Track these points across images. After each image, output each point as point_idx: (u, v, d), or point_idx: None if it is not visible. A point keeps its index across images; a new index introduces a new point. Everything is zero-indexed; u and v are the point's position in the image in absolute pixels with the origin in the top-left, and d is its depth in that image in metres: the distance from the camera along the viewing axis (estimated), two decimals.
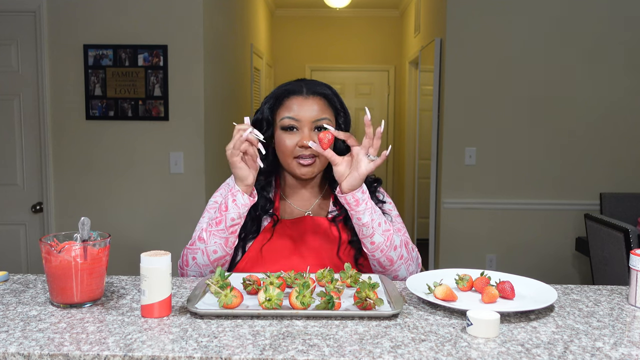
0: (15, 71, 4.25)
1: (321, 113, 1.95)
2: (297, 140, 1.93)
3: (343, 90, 9.13)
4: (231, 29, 5.49)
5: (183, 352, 1.23)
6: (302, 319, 1.44)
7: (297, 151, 1.93)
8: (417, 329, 1.38)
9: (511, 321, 1.45)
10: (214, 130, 4.64)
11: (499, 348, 1.27)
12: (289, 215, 2.06)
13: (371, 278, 1.61)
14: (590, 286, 1.80)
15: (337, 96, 2.03)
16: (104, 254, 1.56)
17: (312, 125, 1.93)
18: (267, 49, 8.35)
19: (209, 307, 1.49)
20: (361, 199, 1.80)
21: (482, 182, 5.29)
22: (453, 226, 5.36)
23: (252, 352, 1.23)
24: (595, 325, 1.45)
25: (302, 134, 1.93)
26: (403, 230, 2.10)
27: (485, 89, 5.22)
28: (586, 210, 4.92)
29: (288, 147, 1.94)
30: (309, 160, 1.94)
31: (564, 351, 1.27)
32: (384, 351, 1.25)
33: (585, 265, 5.21)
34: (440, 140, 5.36)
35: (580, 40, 5.15)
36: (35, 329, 1.37)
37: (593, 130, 5.21)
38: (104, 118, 4.26)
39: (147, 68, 4.22)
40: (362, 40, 9.22)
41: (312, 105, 1.94)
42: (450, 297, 1.56)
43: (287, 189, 2.10)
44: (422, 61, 6.48)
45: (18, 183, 4.33)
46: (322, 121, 1.94)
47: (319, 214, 2.07)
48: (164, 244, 4.16)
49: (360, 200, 1.80)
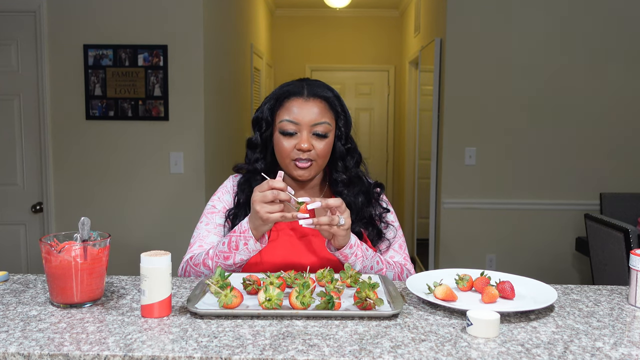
0: (15, 71, 4.25)
1: (321, 116, 1.94)
2: (295, 143, 1.93)
3: (343, 90, 9.13)
4: (231, 29, 5.49)
5: (183, 352, 1.23)
6: (302, 319, 1.44)
7: (294, 154, 1.93)
8: (417, 329, 1.38)
9: (511, 321, 1.45)
10: (214, 130, 4.64)
11: (499, 348, 1.27)
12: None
13: (371, 278, 1.61)
14: (590, 286, 1.80)
15: (338, 99, 2.02)
16: (104, 254, 1.56)
17: (311, 129, 1.93)
18: (267, 49, 8.35)
19: (209, 307, 1.49)
20: (350, 253, 1.84)
21: (482, 182, 5.29)
22: (453, 226, 5.36)
23: (252, 352, 1.23)
24: (595, 325, 1.45)
25: (300, 138, 1.93)
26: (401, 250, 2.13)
27: (485, 89, 5.22)
28: (586, 210, 4.92)
29: (286, 150, 1.94)
30: (306, 163, 1.94)
31: (564, 351, 1.27)
32: (384, 351, 1.25)
33: (585, 265, 5.21)
34: (440, 141, 5.35)
35: (580, 40, 5.15)
36: (35, 329, 1.37)
37: (593, 130, 5.21)
38: (104, 118, 4.26)
39: (147, 68, 4.22)
40: (362, 40, 9.22)
41: (312, 108, 1.94)
42: (450, 297, 1.56)
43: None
44: (422, 61, 6.48)
45: (18, 183, 4.33)
46: (321, 125, 1.93)
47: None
48: (164, 244, 4.16)
49: (349, 255, 1.84)
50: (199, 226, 2.07)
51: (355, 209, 2.03)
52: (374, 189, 2.12)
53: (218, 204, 2.09)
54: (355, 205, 2.03)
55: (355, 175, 2.06)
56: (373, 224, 2.06)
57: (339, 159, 2.04)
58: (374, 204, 2.10)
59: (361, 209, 2.04)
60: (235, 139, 5.59)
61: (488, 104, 5.23)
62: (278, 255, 1.92)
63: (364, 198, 2.06)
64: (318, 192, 2.11)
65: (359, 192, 2.06)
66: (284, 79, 2.36)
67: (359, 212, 2.04)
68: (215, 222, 2.06)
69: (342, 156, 2.04)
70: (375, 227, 2.07)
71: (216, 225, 2.05)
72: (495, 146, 5.26)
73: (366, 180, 2.11)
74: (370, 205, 2.08)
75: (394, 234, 2.12)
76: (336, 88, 2.08)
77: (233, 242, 1.83)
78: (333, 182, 2.07)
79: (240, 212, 2.03)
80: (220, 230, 2.05)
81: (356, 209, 2.03)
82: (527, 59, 5.18)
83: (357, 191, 2.06)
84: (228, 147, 5.24)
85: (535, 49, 5.17)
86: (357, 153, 2.10)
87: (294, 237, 1.98)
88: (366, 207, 2.06)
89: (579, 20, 5.15)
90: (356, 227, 2.01)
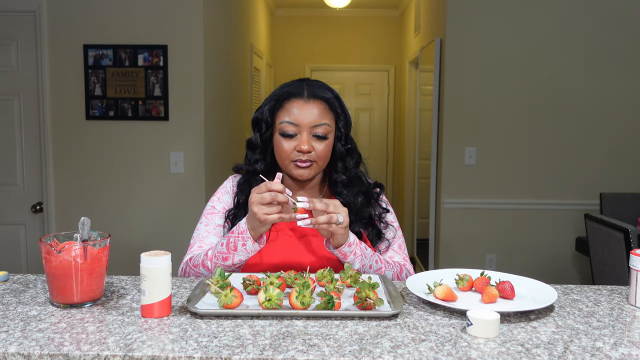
0: (15, 71, 4.25)
1: (321, 118, 1.93)
2: (295, 144, 1.93)
3: (343, 90, 9.13)
4: (231, 29, 5.49)
5: (183, 352, 1.23)
6: (302, 319, 1.44)
7: (294, 155, 1.93)
8: (417, 329, 1.38)
9: (511, 321, 1.45)
10: (214, 130, 4.64)
11: (499, 348, 1.27)
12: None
13: (371, 278, 1.61)
14: (590, 286, 1.80)
15: (338, 100, 2.02)
16: (104, 254, 1.56)
17: (311, 131, 1.92)
18: (267, 49, 8.35)
19: (209, 307, 1.49)
20: (349, 251, 1.85)
21: (482, 182, 5.29)
22: (453, 226, 5.36)
23: (252, 352, 1.23)
24: (595, 325, 1.45)
25: (300, 139, 1.92)
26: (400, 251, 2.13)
27: (485, 89, 5.22)
28: (586, 210, 4.93)
29: (286, 151, 1.94)
30: (306, 163, 1.94)
31: (564, 351, 1.27)
32: (384, 351, 1.25)
33: (585, 265, 5.21)
34: (440, 140, 5.36)
35: (581, 40, 5.15)
36: (35, 329, 1.37)
37: (593, 130, 5.21)
38: (104, 118, 4.26)
39: (147, 68, 4.22)
40: (362, 40, 9.21)
41: (312, 109, 1.93)
42: (450, 297, 1.56)
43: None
44: (422, 61, 6.48)
45: (18, 183, 4.33)
46: (321, 126, 1.93)
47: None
48: (164, 244, 4.16)
49: (347, 253, 1.85)
50: (199, 227, 2.07)
51: (355, 209, 2.03)
52: (373, 189, 2.12)
53: (218, 204, 2.09)
54: (354, 205, 2.03)
55: (354, 176, 2.06)
56: (372, 224, 2.07)
57: (338, 159, 2.04)
58: (373, 204, 2.10)
59: (360, 209, 2.04)
60: (235, 139, 5.60)
61: (488, 103, 5.23)
62: (277, 255, 1.92)
63: (364, 198, 2.06)
64: (317, 193, 2.11)
65: (359, 193, 2.06)
66: (284, 79, 2.36)
67: (358, 212, 2.04)
68: (214, 222, 2.06)
69: (342, 157, 2.04)
70: (375, 227, 2.07)
71: (215, 225, 2.05)
72: (495, 146, 5.26)
73: (366, 180, 2.11)
74: (369, 206, 2.08)
75: (394, 234, 2.12)
76: (336, 88, 2.08)
77: (231, 243, 1.84)
78: (333, 182, 2.07)
79: (239, 212, 2.03)
80: (220, 230, 2.05)
81: (355, 209, 2.03)
82: (527, 59, 5.18)
83: (357, 191, 2.05)
84: (228, 147, 5.24)
85: (535, 49, 5.17)
86: (357, 153, 2.10)
87: (293, 237, 1.97)
88: (365, 207, 2.06)
89: (579, 20, 5.15)
90: (355, 227, 2.01)
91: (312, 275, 1.69)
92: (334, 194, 2.07)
